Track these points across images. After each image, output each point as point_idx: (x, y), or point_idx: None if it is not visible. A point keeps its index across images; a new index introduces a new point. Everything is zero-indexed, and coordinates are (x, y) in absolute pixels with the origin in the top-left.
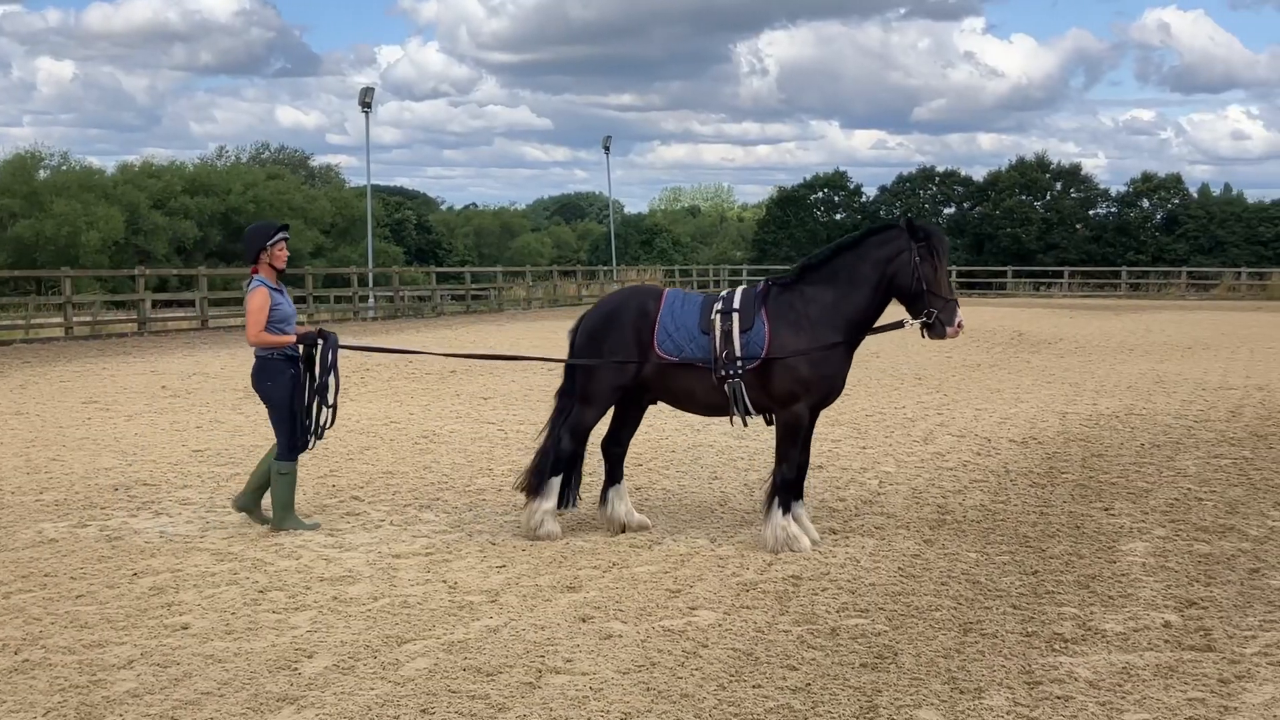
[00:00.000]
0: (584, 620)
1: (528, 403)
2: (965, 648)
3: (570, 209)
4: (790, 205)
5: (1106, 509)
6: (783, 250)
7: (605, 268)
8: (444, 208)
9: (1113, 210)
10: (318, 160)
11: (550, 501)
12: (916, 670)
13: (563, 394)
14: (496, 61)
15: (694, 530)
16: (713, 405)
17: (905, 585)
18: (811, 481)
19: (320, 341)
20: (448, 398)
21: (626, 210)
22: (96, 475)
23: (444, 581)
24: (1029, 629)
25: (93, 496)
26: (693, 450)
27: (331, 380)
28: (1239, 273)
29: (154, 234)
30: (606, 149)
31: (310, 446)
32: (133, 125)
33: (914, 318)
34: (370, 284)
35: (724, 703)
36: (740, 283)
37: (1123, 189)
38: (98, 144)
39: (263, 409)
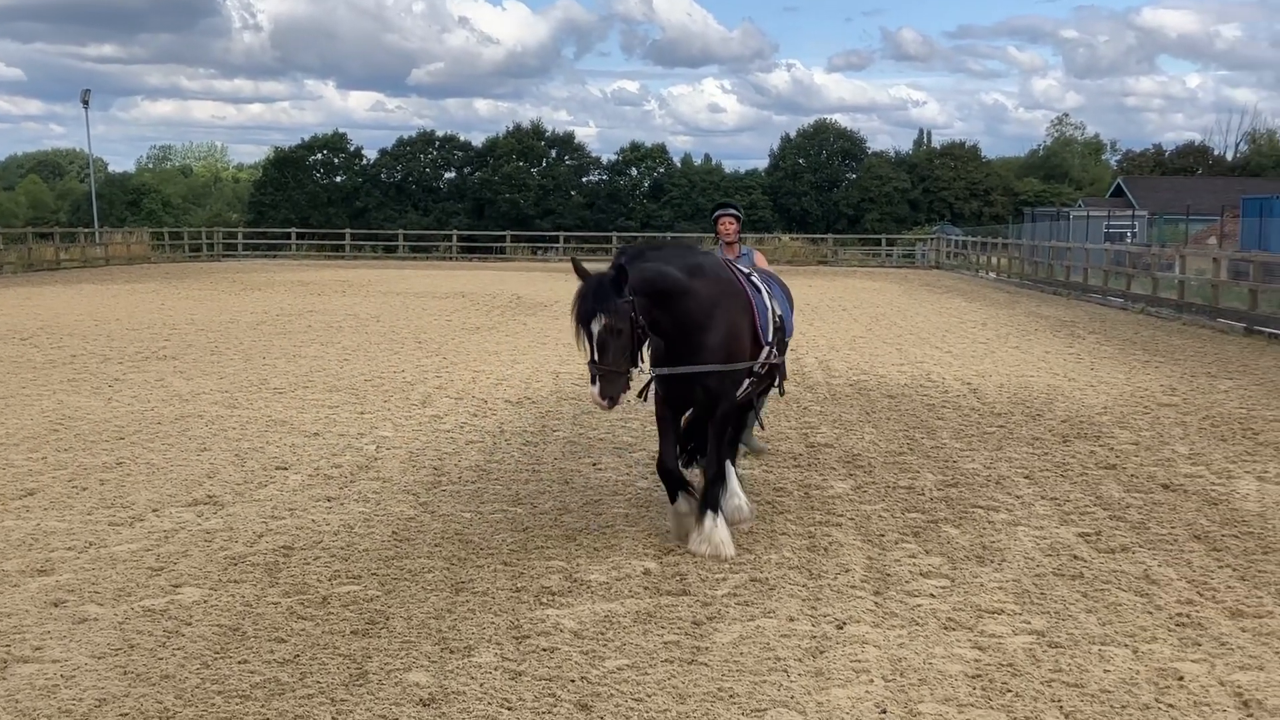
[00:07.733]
0: (56, 605)
1: None
2: (456, 607)
3: (47, 166)
4: (288, 166)
5: (594, 464)
6: (281, 213)
7: (87, 230)
8: None
9: (604, 178)
10: None
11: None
12: (408, 633)
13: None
14: None
15: (177, 505)
16: None
17: (399, 549)
18: (307, 449)
19: None
20: None
21: (111, 169)
22: None
23: None
24: (519, 585)
25: None
26: (180, 422)
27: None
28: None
29: None
30: (85, 103)
31: None
32: None
33: None
34: None
35: (207, 681)
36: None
37: (613, 158)
38: None
39: None
